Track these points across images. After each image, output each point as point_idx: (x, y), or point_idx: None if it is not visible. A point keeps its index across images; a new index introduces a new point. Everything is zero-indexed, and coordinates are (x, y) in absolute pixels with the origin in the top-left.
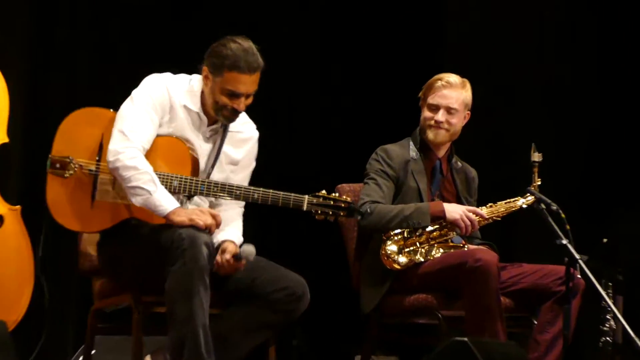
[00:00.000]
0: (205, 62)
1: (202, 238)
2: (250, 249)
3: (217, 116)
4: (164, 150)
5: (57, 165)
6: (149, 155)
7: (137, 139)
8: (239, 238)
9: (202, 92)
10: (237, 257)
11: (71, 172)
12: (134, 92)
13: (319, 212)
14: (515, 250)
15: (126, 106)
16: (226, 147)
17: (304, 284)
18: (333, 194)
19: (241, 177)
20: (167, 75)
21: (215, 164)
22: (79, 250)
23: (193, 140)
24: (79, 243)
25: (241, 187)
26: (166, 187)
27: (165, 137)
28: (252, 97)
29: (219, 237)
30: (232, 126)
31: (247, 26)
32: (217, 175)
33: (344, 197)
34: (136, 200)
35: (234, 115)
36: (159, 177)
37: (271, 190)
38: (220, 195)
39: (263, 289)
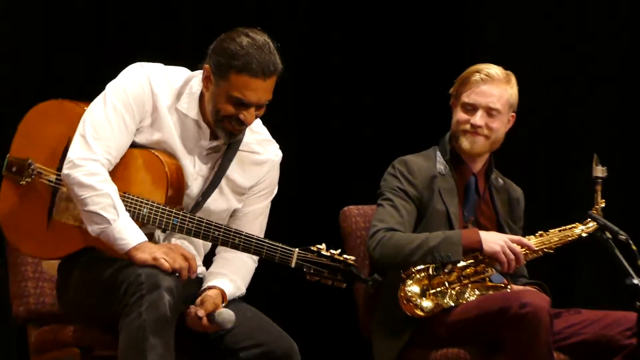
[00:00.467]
0: (209, 59)
1: (165, 282)
2: (228, 314)
3: (215, 128)
4: (138, 166)
5: (14, 169)
6: (117, 170)
7: (101, 149)
8: (235, 289)
9: (202, 96)
10: (210, 318)
11: (27, 179)
12: (108, 86)
13: (312, 271)
14: (573, 292)
15: (95, 104)
16: (232, 171)
17: (290, 344)
18: (332, 251)
19: (256, 209)
20: (155, 66)
21: (211, 193)
22: (9, 286)
23: (182, 157)
24: (7, 274)
25: (220, 228)
26: (133, 215)
27: (143, 150)
28: (264, 108)
29: (209, 277)
30: (245, 144)
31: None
32: (215, 206)
33: (346, 257)
34: (92, 229)
35: (238, 129)
36: (126, 201)
37: (254, 238)
38: (194, 233)
39: (233, 344)
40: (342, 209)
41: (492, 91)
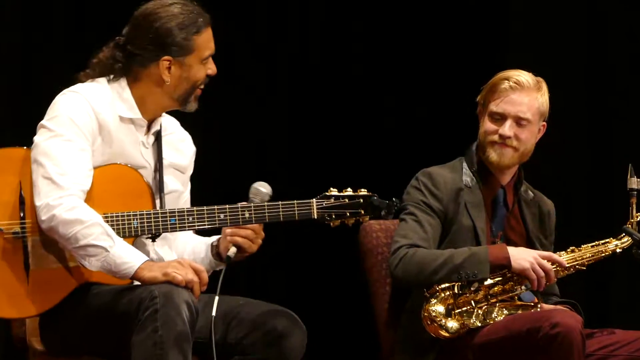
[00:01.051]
0: (156, 53)
1: (182, 295)
2: (258, 184)
3: (185, 105)
4: (109, 183)
5: None
6: (90, 197)
7: (71, 182)
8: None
9: (135, 95)
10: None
11: None
12: (47, 122)
13: (333, 216)
14: (607, 311)
15: (44, 143)
16: (170, 155)
17: (289, 316)
18: (345, 190)
19: (188, 191)
20: (83, 88)
21: (164, 181)
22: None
23: (137, 158)
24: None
25: (225, 208)
26: (125, 232)
27: (106, 166)
28: None
29: (199, 244)
30: (164, 128)
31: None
32: (176, 190)
33: (361, 190)
34: (91, 264)
35: (205, 84)
36: (113, 221)
37: (264, 205)
38: (199, 224)
39: (236, 335)
40: (362, 224)
41: (522, 100)
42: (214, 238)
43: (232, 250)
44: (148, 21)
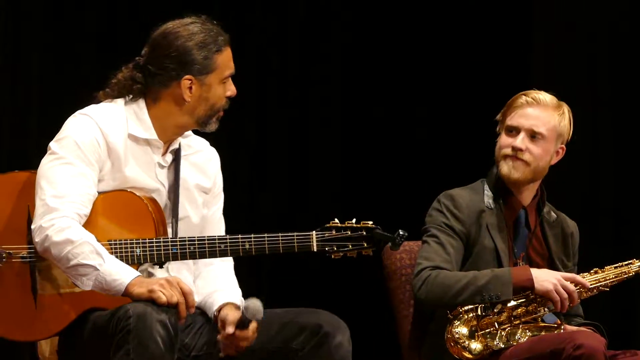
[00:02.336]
0: (177, 72)
1: (154, 316)
2: (255, 304)
3: (205, 126)
4: (115, 209)
5: None
6: (93, 221)
7: (66, 206)
8: (238, 297)
9: (152, 116)
10: (241, 324)
11: None
12: (53, 143)
13: (335, 248)
14: (631, 332)
15: (46, 166)
16: (190, 176)
17: (335, 319)
18: (348, 222)
19: (217, 209)
20: (94, 110)
21: (178, 205)
22: None
23: (150, 180)
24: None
25: (225, 238)
26: (128, 259)
27: (111, 192)
28: None
29: (211, 301)
30: (184, 146)
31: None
32: (191, 216)
33: (364, 222)
34: (83, 284)
35: (226, 107)
36: (116, 248)
37: (264, 236)
38: (199, 254)
39: (283, 339)
40: (386, 246)
41: (537, 114)
42: (220, 303)
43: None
44: (168, 40)
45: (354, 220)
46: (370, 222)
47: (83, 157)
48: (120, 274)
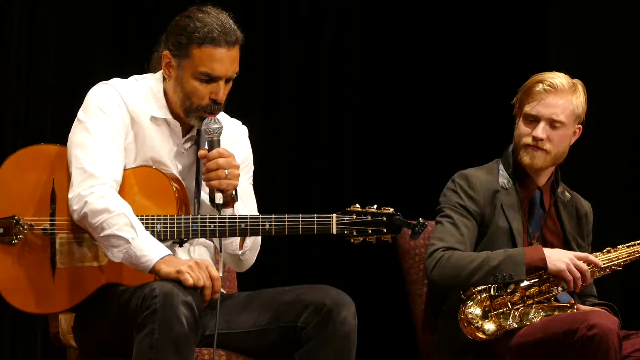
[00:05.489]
0: (165, 44)
1: (181, 297)
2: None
3: (187, 118)
4: (138, 185)
5: (1, 231)
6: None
7: (104, 172)
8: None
9: (166, 93)
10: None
11: (20, 236)
12: (81, 114)
13: (354, 232)
14: None
15: (77, 135)
16: None
17: (340, 295)
18: (368, 207)
19: (245, 188)
20: (116, 81)
21: (200, 183)
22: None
23: (167, 161)
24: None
25: (245, 218)
26: None
27: (136, 168)
28: (231, 83)
29: None
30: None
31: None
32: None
33: (385, 208)
34: (113, 255)
35: (212, 110)
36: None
37: (285, 216)
38: (219, 233)
39: (288, 319)
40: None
41: (556, 102)
42: None
43: (219, 197)
44: (183, 15)
45: (375, 206)
46: (392, 209)
47: (110, 125)
48: (150, 250)
